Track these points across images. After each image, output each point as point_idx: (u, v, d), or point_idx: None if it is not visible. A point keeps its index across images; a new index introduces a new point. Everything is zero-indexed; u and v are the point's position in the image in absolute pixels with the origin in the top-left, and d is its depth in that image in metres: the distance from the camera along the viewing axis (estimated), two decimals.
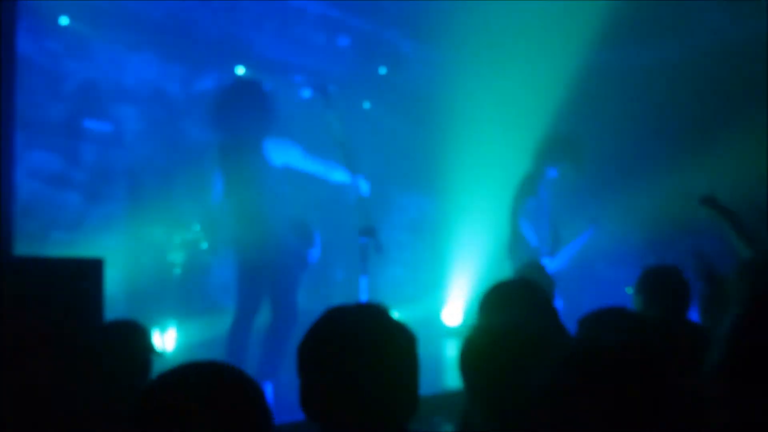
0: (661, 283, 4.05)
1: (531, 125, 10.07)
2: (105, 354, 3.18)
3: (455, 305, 10.06)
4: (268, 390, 5.24)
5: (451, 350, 8.68)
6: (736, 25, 9.01)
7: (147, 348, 3.28)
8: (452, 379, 6.87)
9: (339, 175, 6.21)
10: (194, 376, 1.68)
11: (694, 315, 4.23)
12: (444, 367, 7.56)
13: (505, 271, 7.79)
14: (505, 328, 2.52)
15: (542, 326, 2.88)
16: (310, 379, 1.99)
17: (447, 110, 10.63)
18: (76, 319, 3.26)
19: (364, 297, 5.52)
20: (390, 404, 1.96)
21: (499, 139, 10.15)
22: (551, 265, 7.60)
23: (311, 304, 7.19)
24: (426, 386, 2.20)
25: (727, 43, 9.06)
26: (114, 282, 7.46)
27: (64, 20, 7.51)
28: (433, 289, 10.42)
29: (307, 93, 6.30)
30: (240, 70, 8.92)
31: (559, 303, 4.15)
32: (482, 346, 2.45)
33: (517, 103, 10.24)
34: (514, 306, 3.13)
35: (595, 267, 9.73)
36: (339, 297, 8.45)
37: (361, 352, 1.96)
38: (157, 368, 3.30)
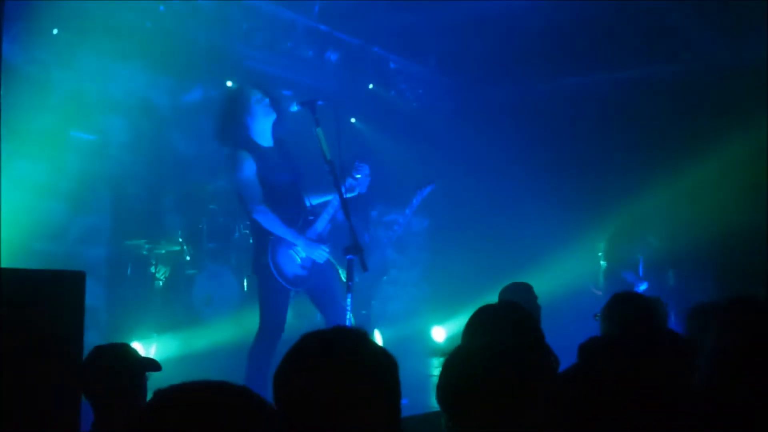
0: (627, 310, 3.94)
1: (512, 143, 10.15)
2: (96, 375, 3.13)
3: (443, 323, 10.05)
4: None
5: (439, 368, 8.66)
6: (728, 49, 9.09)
7: (137, 368, 3.23)
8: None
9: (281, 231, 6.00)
10: (194, 395, 1.63)
11: None
12: (431, 386, 7.51)
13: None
14: (485, 352, 2.48)
15: (528, 349, 2.87)
16: (286, 408, 1.90)
17: (435, 126, 10.68)
18: (56, 332, 3.23)
19: (349, 314, 5.49)
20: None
21: (489, 156, 10.20)
22: None
23: (297, 320, 7.16)
24: (412, 406, 2.15)
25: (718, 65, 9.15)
26: (96, 294, 7.45)
27: (53, 30, 7.49)
28: (422, 305, 10.42)
29: (294, 107, 6.26)
30: (229, 83, 8.93)
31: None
32: (463, 370, 2.41)
33: (499, 120, 10.32)
34: (500, 328, 3.09)
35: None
36: None
37: (338, 378, 1.88)
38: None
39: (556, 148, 9.90)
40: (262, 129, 6.00)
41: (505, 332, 3.06)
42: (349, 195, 5.81)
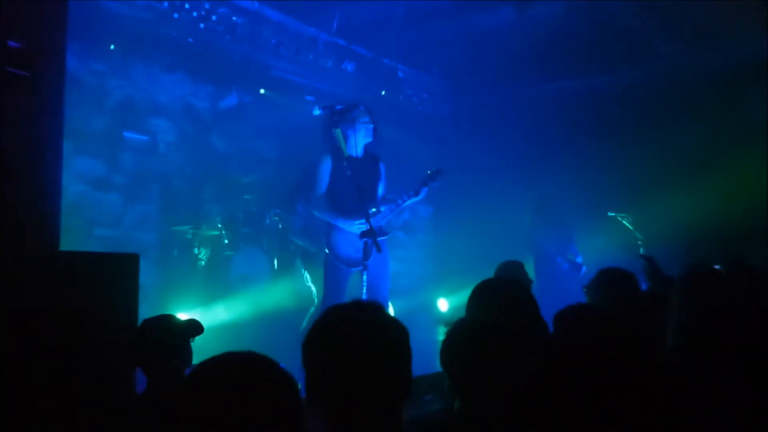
0: (615, 284, 3.88)
1: (505, 140, 10.12)
2: (145, 344, 3.12)
3: (447, 296, 10.04)
4: None
5: (445, 334, 8.67)
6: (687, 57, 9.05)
7: (180, 335, 3.21)
8: None
9: None
10: (231, 364, 1.63)
11: None
12: (437, 350, 7.50)
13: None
14: (480, 325, 2.51)
15: (525, 320, 2.85)
16: (314, 370, 1.93)
17: (438, 126, 10.65)
18: (114, 306, 3.23)
19: (364, 289, 5.48)
20: (384, 391, 1.91)
21: (485, 152, 10.16)
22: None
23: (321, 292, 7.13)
24: (421, 367, 2.16)
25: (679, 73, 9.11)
26: (147, 273, 7.46)
27: (109, 45, 7.51)
28: (428, 281, 10.41)
29: (316, 111, 6.22)
30: (262, 91, 8.93)
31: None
32: (462, 340, 2.44)
33: (493, 120, 10.29)
34: (500, 301, 3.06)
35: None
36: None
37: (358, 346, 1.90)
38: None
39: (541, 144, 9.88)
40: (356, 143, 6.03)
41: (505, 305, 3.03)
42: (417, 198, 5.96)
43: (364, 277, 5.51)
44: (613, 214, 9.37)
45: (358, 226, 5.72)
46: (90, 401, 2.98)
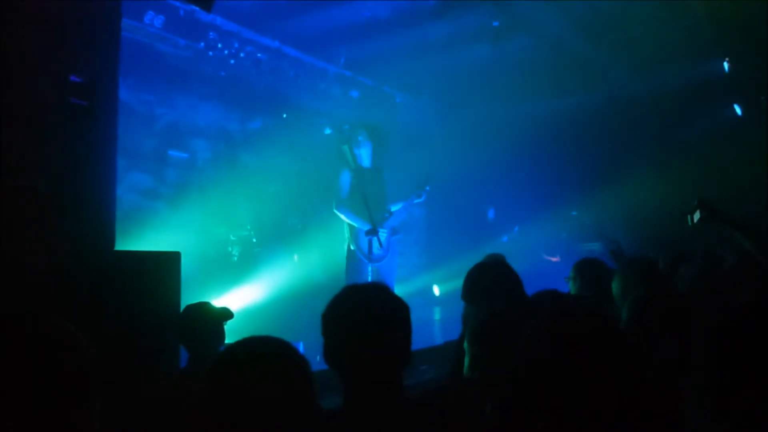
0: (592, 272, 3.83)
1: (484, 152, 10.12)
2: (187, 326, 3.09)
3: (439, 283, 10.03)
4: (300, 347, 5.11)
5: (438, 314, 8.66)
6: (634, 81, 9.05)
7: (215, 319, 3.18)
8: (436, 336, 6.81)
9: None
10: (253, 344, 1.62)
11: None
12: (431, 327, 7.48)
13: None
14: (502, 311, 2.61)
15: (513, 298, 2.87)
16: (331, 339, 1.93)
17: (428, 141, 10.64)
18: (160, 296, 3.22)
19: (369, 278, 5.46)
20: (388, 358, 1.90)
21: (467, 162, 10.17)
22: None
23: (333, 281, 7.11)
24: (417, 342, 2.15)
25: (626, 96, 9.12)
26: (190, 267, 7.41)
27: (156, 79, 7.49)
28: (423, 271, 10.40)
29: (327, 131, 6.22)
30: (284, 115, 8.91)
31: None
32: (486, 322, 2.51)
33: (474, 135, 10.30)
34: (491, 280, 3.08)
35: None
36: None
37: (368, 319, 1.90)
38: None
39: (514, 155, 9.90)
40: (363, 155, 6.05)
41: (493, 283, 3.05)
42: (417, 201, 6.14)
43: (369, 268, 5.49)
44: (575, 213, 9.36)
45: (366, 224, 5.72)
46: (140, 375, 2.96)
